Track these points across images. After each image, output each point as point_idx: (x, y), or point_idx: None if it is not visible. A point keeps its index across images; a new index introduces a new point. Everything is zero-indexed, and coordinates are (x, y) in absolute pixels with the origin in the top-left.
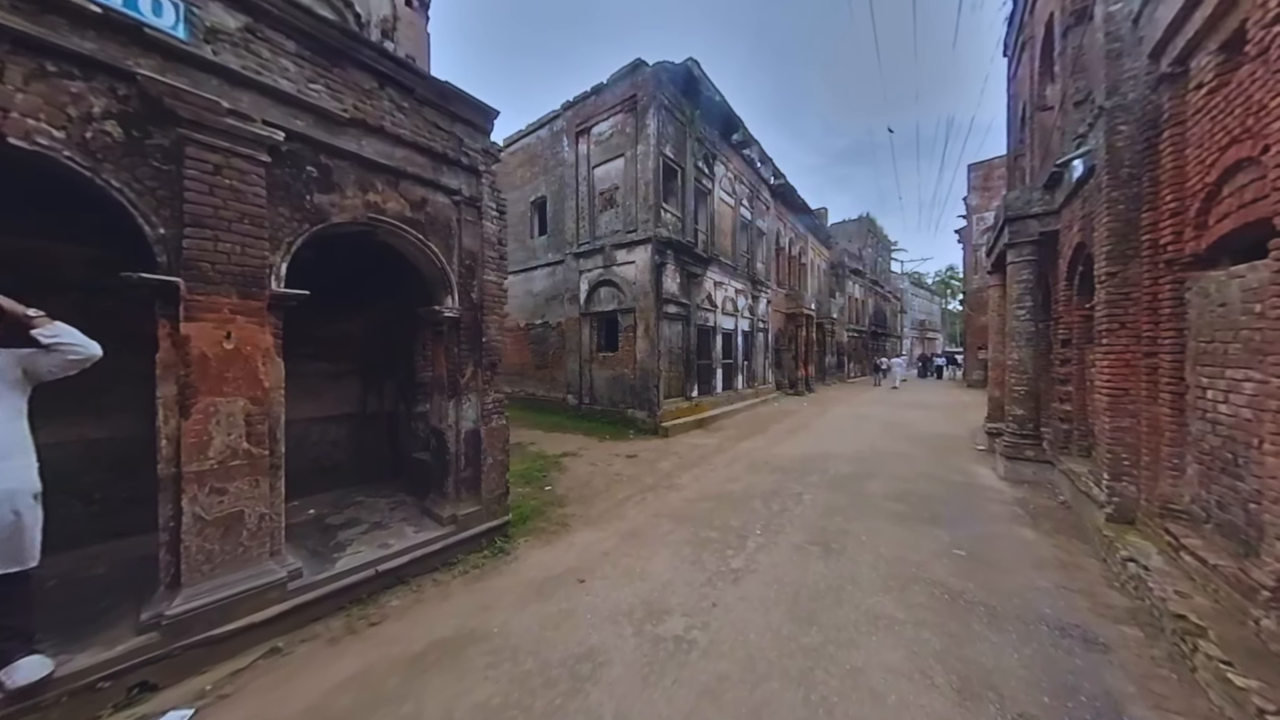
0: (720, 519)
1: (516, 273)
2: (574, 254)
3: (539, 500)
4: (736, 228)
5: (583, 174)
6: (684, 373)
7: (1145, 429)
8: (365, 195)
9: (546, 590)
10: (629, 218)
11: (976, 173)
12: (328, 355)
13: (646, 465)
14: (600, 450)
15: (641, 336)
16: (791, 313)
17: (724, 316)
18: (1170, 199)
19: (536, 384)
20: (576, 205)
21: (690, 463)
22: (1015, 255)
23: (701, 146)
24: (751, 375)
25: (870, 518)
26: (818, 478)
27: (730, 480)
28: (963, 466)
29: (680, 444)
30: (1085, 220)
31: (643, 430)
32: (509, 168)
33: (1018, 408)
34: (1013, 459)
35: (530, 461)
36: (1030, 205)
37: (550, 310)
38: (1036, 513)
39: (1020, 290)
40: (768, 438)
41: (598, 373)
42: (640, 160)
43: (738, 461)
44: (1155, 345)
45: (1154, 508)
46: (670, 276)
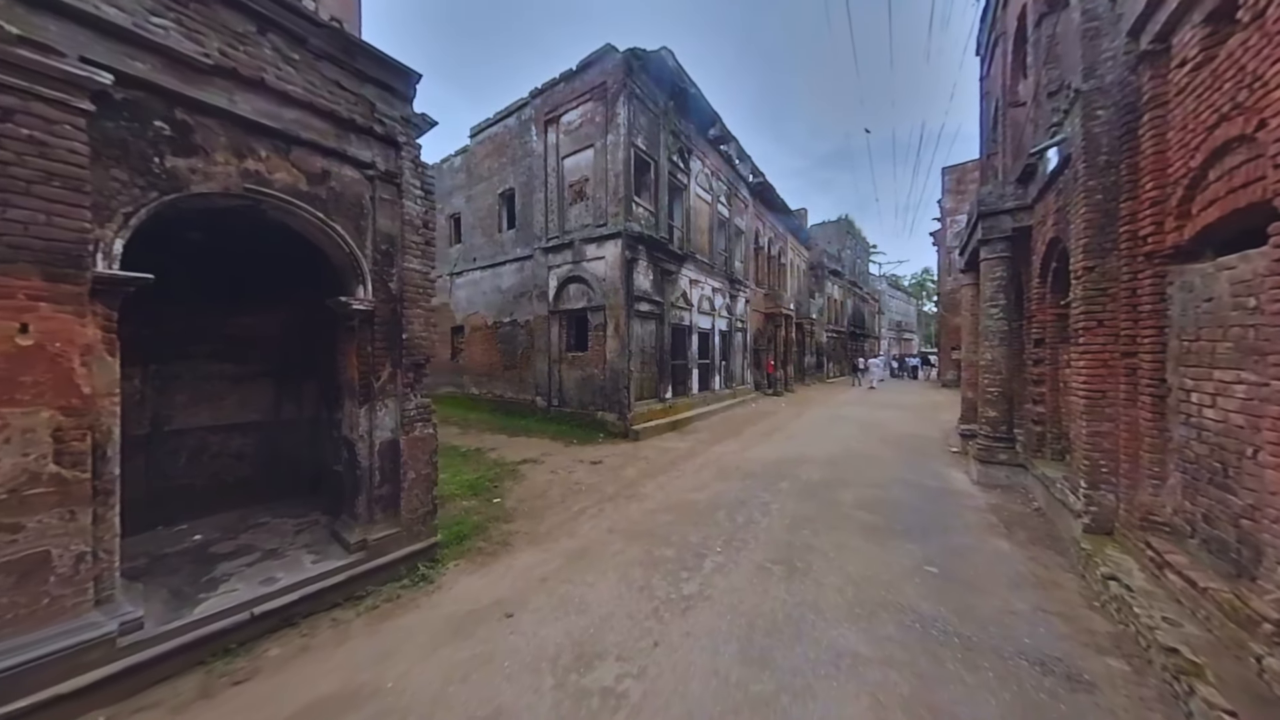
0: (680, 534)
1: (485, 268)
2: (543, 249)
3: (484, 515)
4: (714, 225)
5: (552, 165)
6: (657, 374)
7: (1124, 434)
8: (242, 162)
9: (466, 628)
10: (599, 211)
11: (951, 176)
12: (232, 355)
13: (610, 473)
14: (564, 456)
15: (611, 336)
16: (770, 312)
17: (700, 316)
18: (1151, 187)
19: (505, 385)
20: (545, 198)
21: (657, 469)
22: (988, 252)
23: (676, 140)
24: (729, 376)
25: (840, 530)
26: (789, 484)
27: (697, 488)
28: (936, 470)
29: (650, 448)
30: (1060, 214)
31: (612, 434)
32: (477, 158)
33: (991, 410)
34: (986, 463)
35: (485, 470)
36: (1003, 200)
37: (519, 308)
38: (1010, 521)
39: (993, 288)
40: (742, 441)
41: (567, 374)
42: (610, 151)
43: (708, 467)
44: (1135, 344)
45: (1134, 519)
46: (642, 273)
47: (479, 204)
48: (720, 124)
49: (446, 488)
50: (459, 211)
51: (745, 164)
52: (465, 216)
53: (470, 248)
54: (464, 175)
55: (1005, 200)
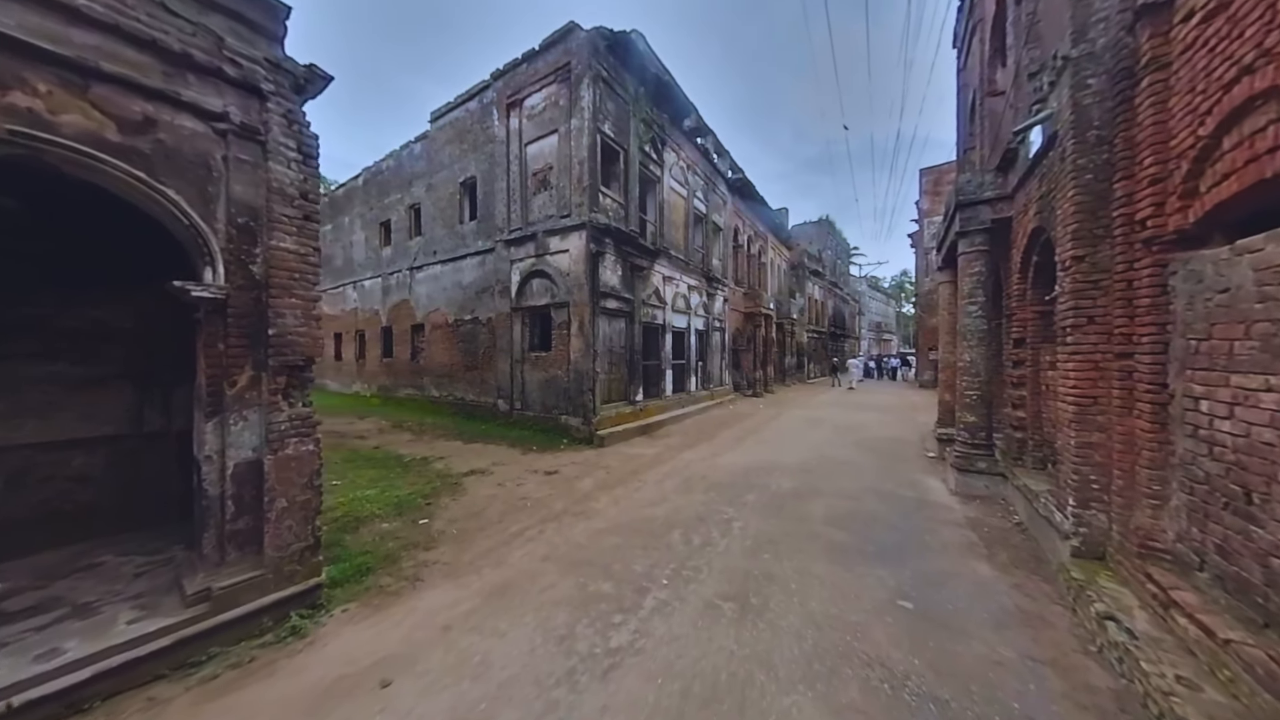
0: (624, 561)
1: (445, 262)
2: (505, 241)
3: (402, 541)
4: (690, 220)
5: (514, 152)
6: (627, 375)
7: (1118, 446)
8: (3, 94)
9: (324, 707)
10: (562, 201)
11: (928, 178)
12: (71, 353)
13: (564, 484)
14: (518, 465)
15: (575, 334)
16: (750, 312)
17: (675, 314)
18: (1150, 163)
19: (466, 387)
20: (508, 187)
21: (617, 479)
22: (966, 245)
23: (649, 129)
24: (706, 377)
25: (806, 553)
26: (755, 496)
27: (655, 502)
28: (912, 478)
29: (615, 455)
30: (1043, 201)
31: (576, 440)
32: (437, 144)
33: (969, 414)
34: (964, 471)
35: (423, 484)
36: (982, 189)
37: (480, 305)
38: (991, 539)
39: (972, 284)
40: (714, 445)
41: (529, 375)
42: (574, 136)
43: (672, 477)
44: (1131, 344)
45: (1130, 544)
46: (609, 268)
47: (439, 193)
48: (696, 115)
49: (366, 508)
50: (419, 201)
51: (724, 159)
52: (425, 207)
53: (431, 240)
54: (424, 163)
55: (984, 190)
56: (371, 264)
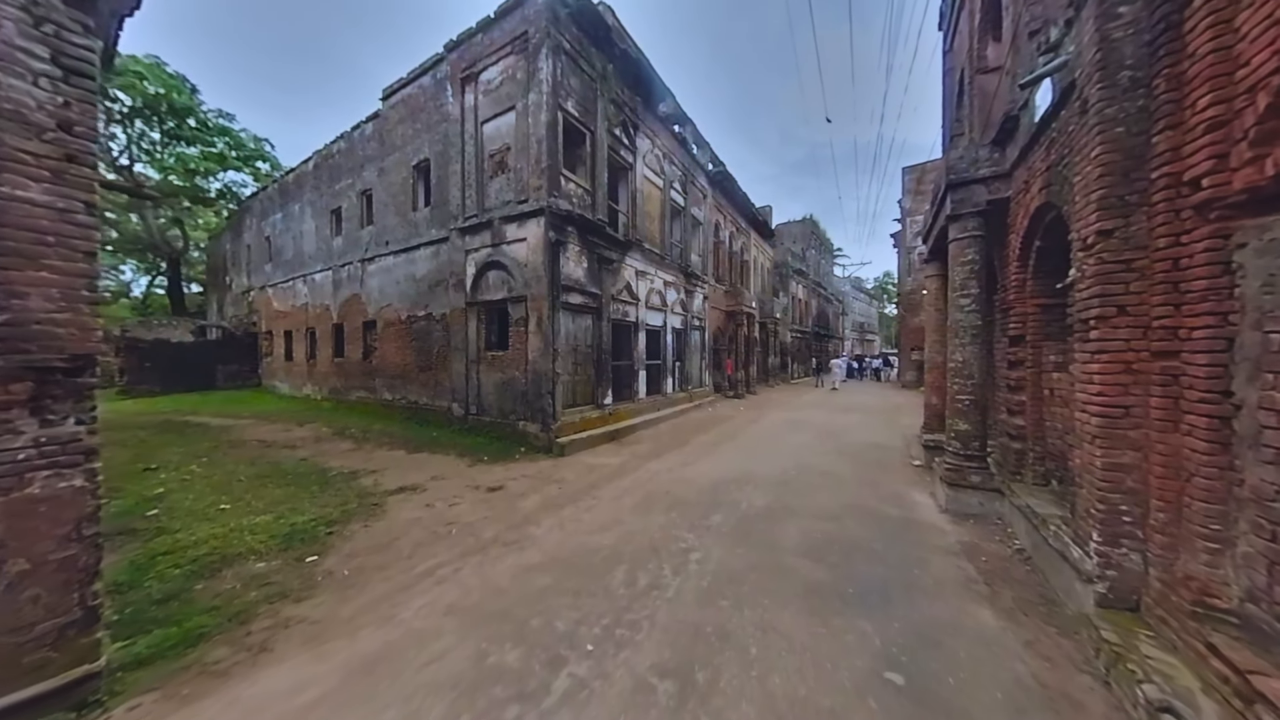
0: (547, 614)
1: (398, 253)
2: (459, 229)
3: (270, 588)
4: (666, 213)
5: (469, 131)
6: (594, 376)
7: (1159, 470)
8: None
9: None
10: (520, 185)
11: (911, 176)
12: None
13: (505, 504)
14: (459, 480)
15: (533, 332)
16: (731, 310)
17: (649, 311)
18: (1207, 103)
19: (420, 390)
20: (462, 170)
21: (569, 496)
22: (958, 231)
23: (619, 112)
24: (685, 378)
25: (773, 598)
26: (722, 518)
27: (606, 526)
28: (898, 492)
29: (574, 466)
30: (1053, 172)
31: (535, 448)
32: (389, 124)
33: (961, 421)
34: (955, 486)
35: (336, 506)
36: (976, 167)
37: (434, 299)
38: (991, 572)
39: (964, 274)
40: (685, 453)
41: (485, 376)
42: (532, 112)
43: (632, 492)
44: (1176, 339)
45: (1178, 598)
46: (573, 259)
47: (392, 178)
48: (672, 100)
49: (242, 543)
50: (371, 187)
51: (704, 151)
52: (377, 193)
53: (383, 229)
54: (376, 144)
55: (978, 167)
56: (322, 255)
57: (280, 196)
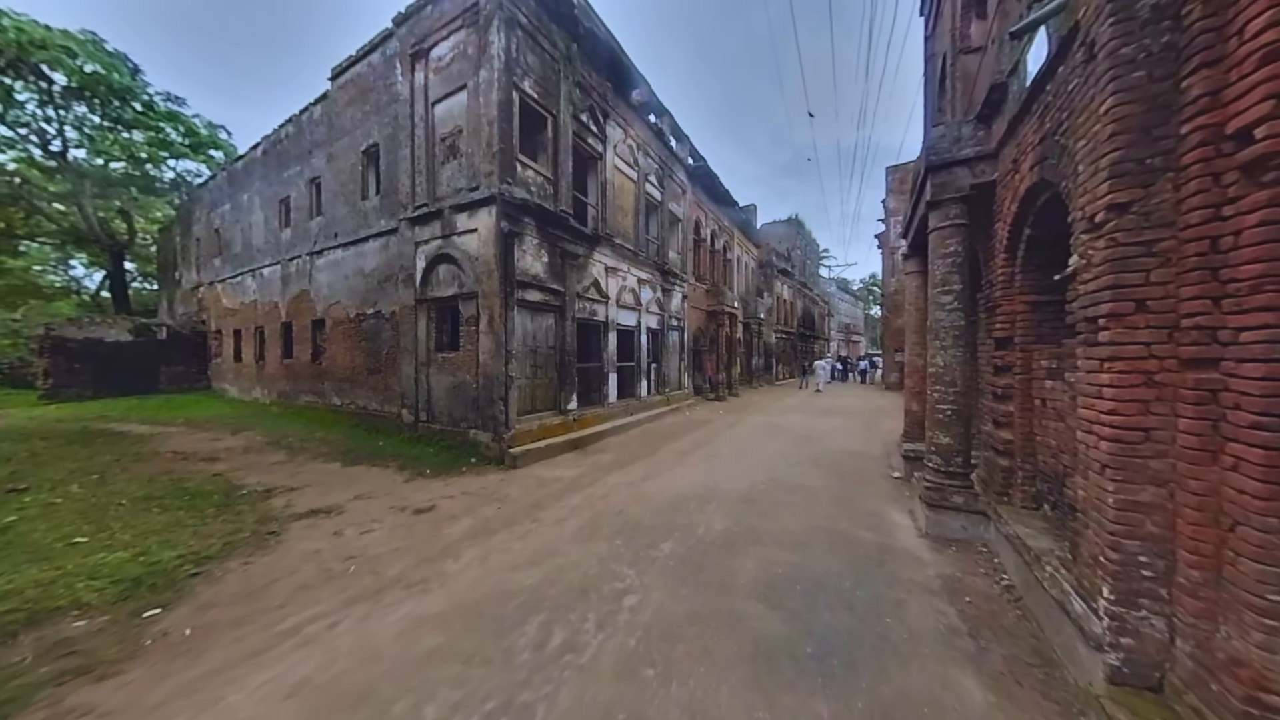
0: (419, 692)
1: (347, 245)
2: (409, 219)
3: (74, 659)
4: (641, 207)
5: (419, 113)
6: (557, 379)
7: (1192, 514)
8: None
9: None
10: (471, 171)
11: (894, 176)
12: None
13: (427, 531)
14: (387, 499)
15: (485, 331)
16: (713, 310)
17: (621, 310)
18: (1262, 25)
19: (369, 394)
20: (412, 155)
21: (504, 520)
22: (939, 219)
23: (586, 96)
24: (662, 380)
25: (712, 664)
26: (673, 546)
27: (535, 560)
28: (874, 511)
29: (524, 480)
30: (1049, 144)
31: (486, 458)
32: (338, 106)
33: (941, 434)
34: (936, 507)
35: (222, 537)
36: (959, 146)
37: (383, 296)
38: (977, 619)
39: (946, 268)
40: (650, 464)
41: (436, 380)
42: (483, 91)
43: (581, 512)
44: (1216, 344)
45: (1221, 688)
46: (530, 253)
47: (340, 164)
48: (647, 88)
49: (71, 591)
50: (320, 174)
51: (683, 145)
52: (326, 181)
53: (331, 220)
54: (324, 129)
55: (961, 146)
56: (271, 249)
57: (229, 186)
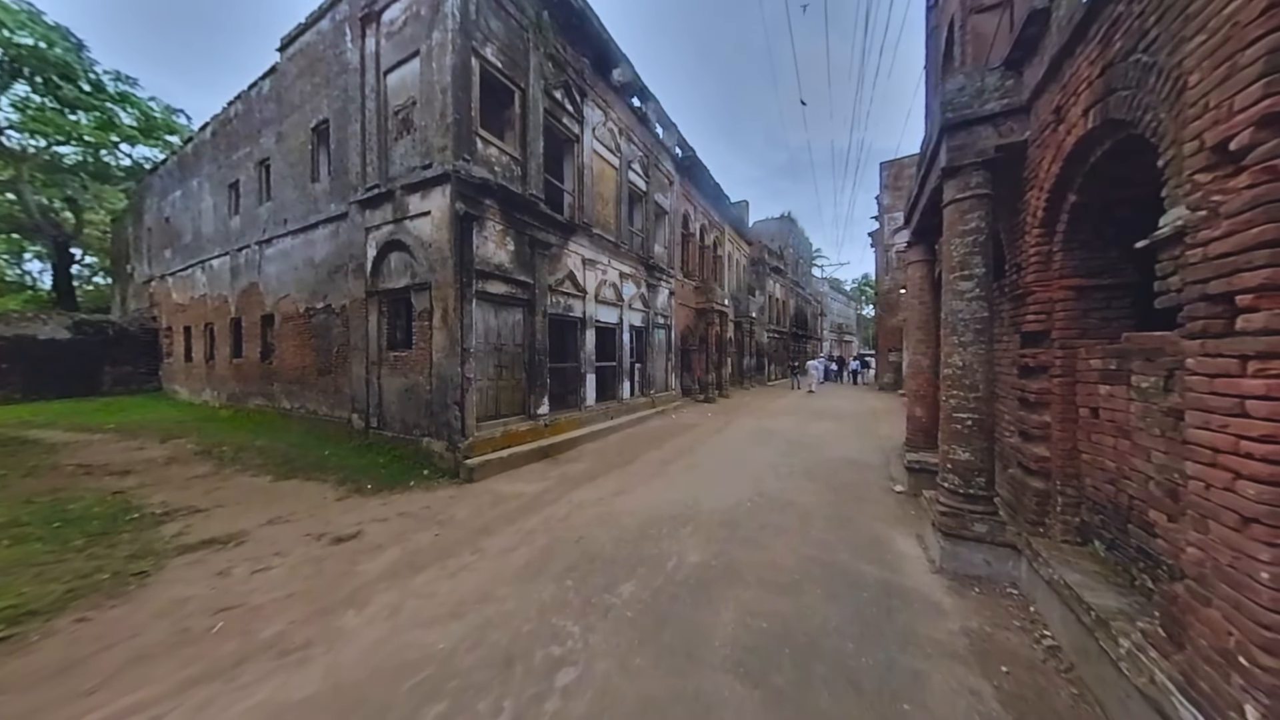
0: None
1: (297, 233)
2: (359, 202)
3: None
4: (624, 196)
5: (370, 84)
6: (526, 381)
7: None
8: None
9: None
10: (425, 146)
11: (888, 171)
12: None
13: (337, 568)
14: (304, 525)
15: (438, 327)
16: (702, 308)
17: (600, 306)
18: None
19: (319, 397)
20: (363, 130)
21: (439, 551)
22: (957, 189)
23: (560, 71)
24: (647, 381)
25: None
26: (635, 588)
27: (459, 610)
28: (878, 536)
29: (475, 498)
30: (1116, 72)
31: (440, 470)
32: (287, 80)
33: (960, 448)
34: (954, 537)
35: (80, 575)
36: (982, 99)
37: (334, 288)
38: (1019, 699)
39: (965, 249)
40: (627, 475)
41: (388, 381)
42: (436, 56)
43: (533, 539)
44: None
45: None
46: (493, 239)
47: (290, 144)
48: (629, 68)
49: None
50: (269, 156)
51: (670, 133)
52: (275, 162)
53: (281, 205)
54: (274, 105)
55: (985, 99)
56: (220, 239)
57: (180, 171)
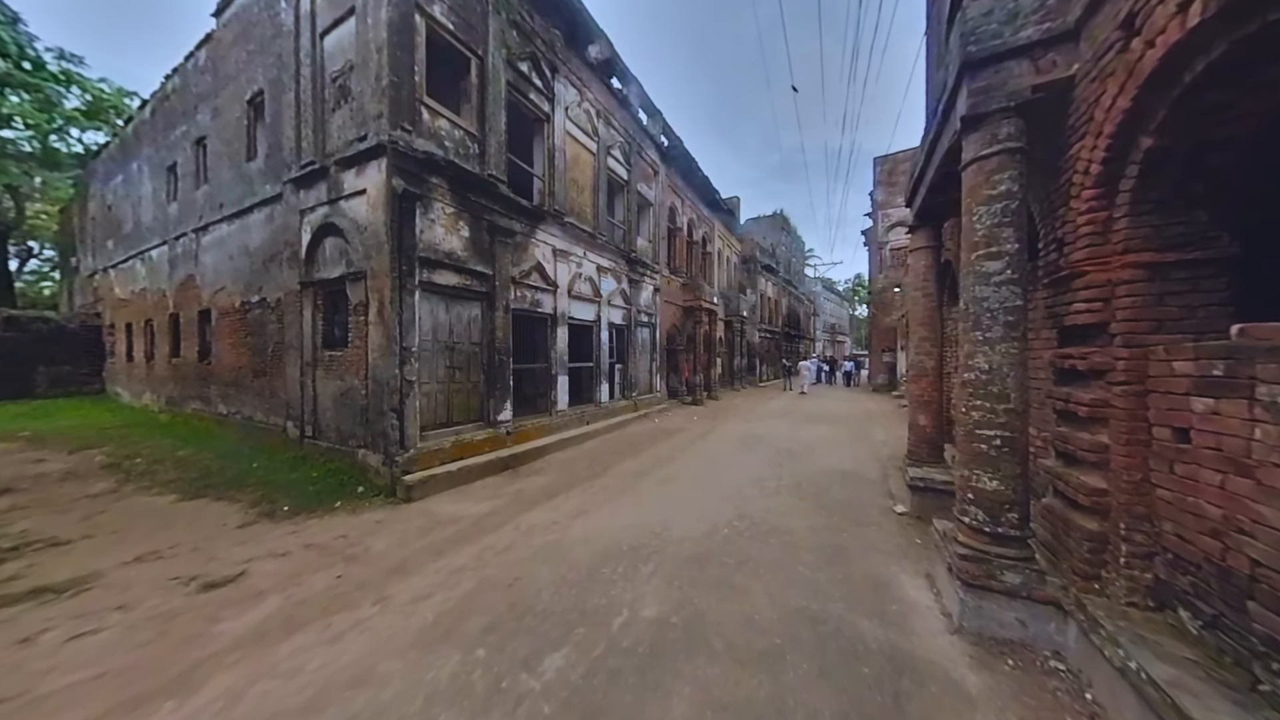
0: None
1: (232, 218)
2: (293, 181)
3: None
4: (602, 184)
5: (305, 47)
6: (484, 383)
7: None
8: None
9: None
10: (360, 116)
11: (882, 167)
12: None
13: (192, 626)
14: (182, 561)
15: (375, 322)
16: (690, 306)
17: (574, 302)
18: None
19: (255, 401)
20: (298, 99)
21: (333, 600)
22: (981, 143)
23: (526, 42)
24: (628, 383)
25: None
26: (566, 660)
27: (323, 698)
28: (879, 576)
29: (406, 523)
30: None
31: (376, 487)
32: (222, 48)
33: (986, 474)
34: (978, 588)
35: None
36: (1017, 24)
37: (268, 280)
38: None
39: (993, 219)
40: (592, 491)
41: (323, 384)
42: (372, 10)
43: (458, 581)
44: None
45: None
46: (442, 223)
47: (225, 119)
48: (607, 45)
49: None
50: (206, 133)
51: (655, 121)
52: (211, 140)
53: (217, 188)
54: (209, 77)
55: (1020, 25)
56: (159, 227)
57: (121, 154)
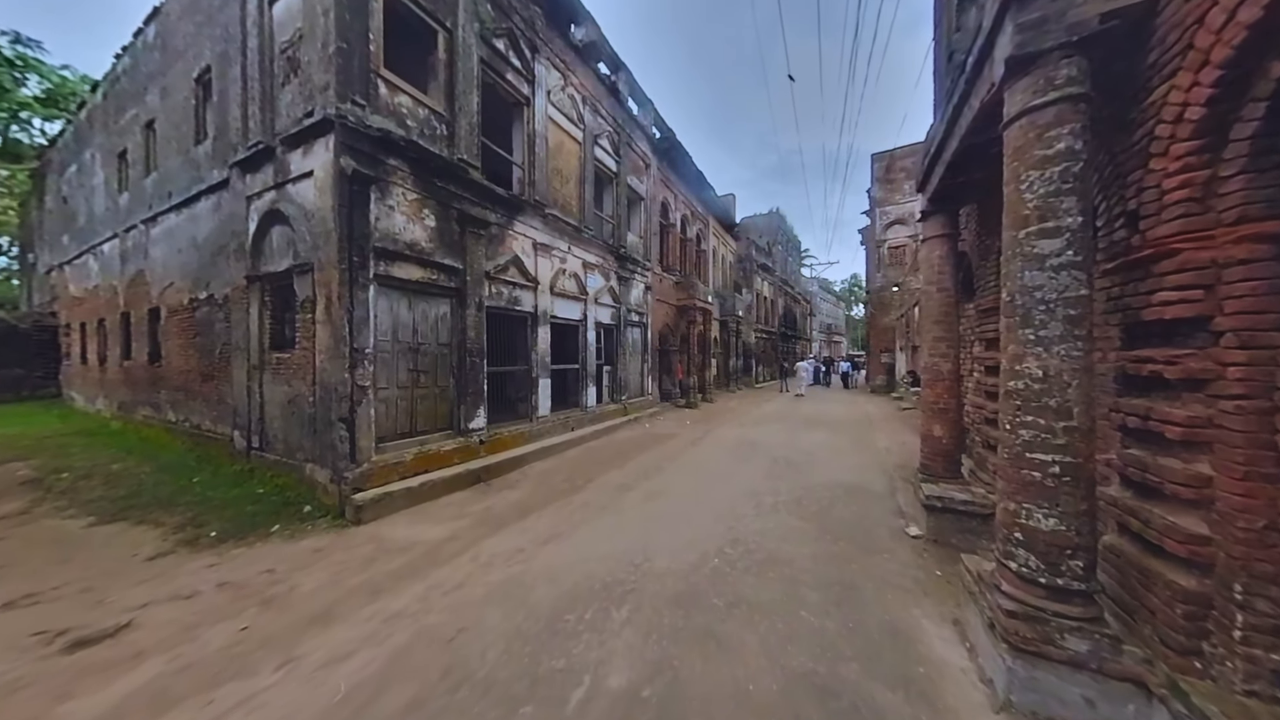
0: None
1: (180, 207)
2: (239, 163)
3: None
4: (588, 175)
5: (253, 15)
6: (454, 389)
7: None
8: None
9: None
10: (306, 86)
11: (879, 164)
12: None
13: (23, 712)
14: (60, 608)
15: (322, 320)
16: (683, 305)
17: (558, 300)
18: None
19: (204, 408)
20: (244, 74)
21: (226, 664)
22: (1033, 92)
23: (503, 17)
24: (618, 386)
25: None
26: None
27: None
28: (898, 625)
29: (349, 552)
30: None
31: (323, 507)
32: (170, 22)
33: (1041, 510)
34: (1030, 654)
35: None
36: None
37: (216, 274)
38: None
39: (1047, 186)
40: (567, 511)
41: (270, 390)
42: None
43: (389, 633)
44: None
45: None
46: (403, 210)
47: (173, 100)
48: (593, 27)
49: None
50: (155, 116)
51: (646, 110)
52: (160, 123)
53: (166, 175)
54: (158, 55)
55: None
56: (110, 219)
57: (75, 143)
